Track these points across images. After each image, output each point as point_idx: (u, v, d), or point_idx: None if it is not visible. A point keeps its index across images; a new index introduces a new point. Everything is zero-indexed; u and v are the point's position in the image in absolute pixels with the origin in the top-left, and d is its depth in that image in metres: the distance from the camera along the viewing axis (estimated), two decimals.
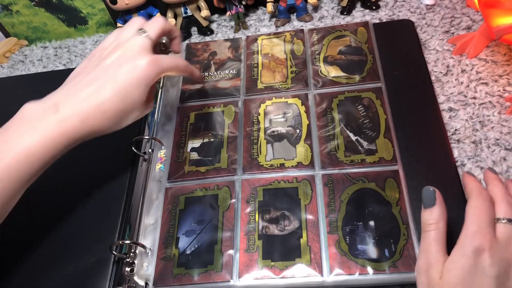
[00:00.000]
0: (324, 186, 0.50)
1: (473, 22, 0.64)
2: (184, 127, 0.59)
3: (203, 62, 0.66)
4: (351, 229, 0.47)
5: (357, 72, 0.59)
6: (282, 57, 0.63)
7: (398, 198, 0.48)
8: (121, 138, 0.58)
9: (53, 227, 0.53)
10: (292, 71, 0.61)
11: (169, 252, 0.49)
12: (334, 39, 0.63)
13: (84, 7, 0.78)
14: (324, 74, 0.60)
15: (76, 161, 0.56)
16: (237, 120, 0.58)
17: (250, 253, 0.47)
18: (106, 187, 0.56)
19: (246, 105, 0.59)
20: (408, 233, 0.45)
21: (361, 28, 0.63)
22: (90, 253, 0.51)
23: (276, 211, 0.50)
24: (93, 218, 0.54)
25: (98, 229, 0.53)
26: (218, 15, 0.78)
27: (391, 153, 0.51)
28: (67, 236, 0.52)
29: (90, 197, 0.55)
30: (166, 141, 0.59)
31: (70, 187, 0.56)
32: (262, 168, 0.53)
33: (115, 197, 0.55)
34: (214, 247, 0.48)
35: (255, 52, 0.65)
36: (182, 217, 0.51)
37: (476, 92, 0.57)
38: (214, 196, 0.52)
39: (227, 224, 0.50)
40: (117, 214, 0.53)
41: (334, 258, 0.45)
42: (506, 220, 0.39)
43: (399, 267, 0.44)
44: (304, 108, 0.57)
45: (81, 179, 0.57)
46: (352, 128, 0.54)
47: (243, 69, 0.64)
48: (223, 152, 0.56)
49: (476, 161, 0.52)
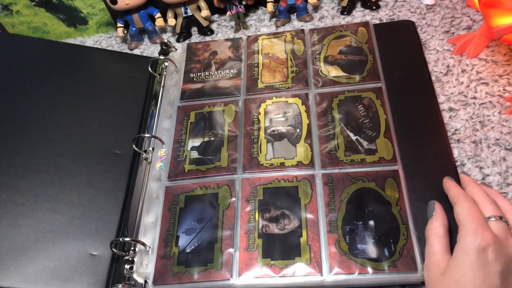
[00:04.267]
0: (324, 185, 0.50)
1: (473, 22, 0.64)
2: (184, 126, 0.59)
3: (204, 61, 0.66)
4: (351, 229, 0.47)
5: (358, 72, 0.59)
6: (282, 57, 0.64)
7: (398, 198, 0.48)
8: (122, 136, 0.59)
9: (53, 224, 0.53)
10: (292, 71, 0.62)
11: (169, 250, 0.49)
12: (335, 39, 0.64)
13: (84, 7, 0.78)
14: (324, 74, 0.60)
15: (77, 158, 0.58)
16: (237, 119, 0.58)
17: (250, 252, 0.48)
18: (106, 184, 0.56)
19: (247, 105, 0.59)
20: (408, 233, 0.45)
21: (361, 28, 0.63)
22: (90, 250, 0.51)
23: (276, 210, 0.50)
24: (94, 215, 0.54)
25: (98, 226, 0.53)
26: (218, 15, 0.78)
27: (391, 153, 0.51)
28: (66, 233, 0.52)
29: (90, 194, 0.55)
30: (166, 140, 0.59)
31: (70, 184, 0.55)
32: (262, 167, 0.53)
33: (116, 194, 0.55)
34: (214, 246, 0.49)
35: (256, 52, 0.65)
36: (182, 215, 0.52)
37: (476, 92, 0.57)
38: (214, 194, 0.52)
39: (227, 222, 0.50)
40: (117, 212, 0.54)
41: (333, 257, 0.46)
42: (497, 217, 0.41)
43: (399, 266, 0.44)
44: (305, 108, 0.57)
45: (82, 176, 0.56)
46: (352, 128, 0.54)
47: (243, 69, 0.64)
48: (223, 151, 0.56)
49: (476, 161, 0.52)
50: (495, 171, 0.51)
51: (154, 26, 0.76)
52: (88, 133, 0.60)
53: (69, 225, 0.52)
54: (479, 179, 0.51)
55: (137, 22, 0.74)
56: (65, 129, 0.60)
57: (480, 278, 0.37)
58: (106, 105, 0.63)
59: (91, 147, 0.59)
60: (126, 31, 0.76)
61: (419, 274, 0.43)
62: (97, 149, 0.59)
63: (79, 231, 0.52)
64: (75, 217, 0.53)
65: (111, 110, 0.63)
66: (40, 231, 0.52)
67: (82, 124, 0.61)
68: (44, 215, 0.53)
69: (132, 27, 0.75)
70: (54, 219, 0.53)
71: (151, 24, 0.76)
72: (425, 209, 0.46)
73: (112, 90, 0.65)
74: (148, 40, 0.78)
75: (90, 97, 0.64)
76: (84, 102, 0.63)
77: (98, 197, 0.55)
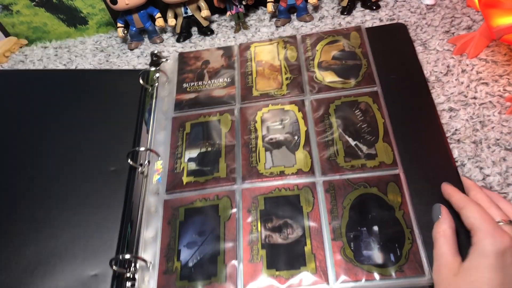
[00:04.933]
0: (325, 192, 0.50)
1: (474, 22, 0.65)
2: (180, 137, 0.58)
3: (196, 71, 0.65)
4: (355, 235, 0.46)
5: (353, 76, 0.59)
6: (276, 64, 0.63)
7: (401, 202, 0.47)
8: (116, 152, 0.59)
9: (51, 243, 0.52)
10: (287, 78, 0.61)
11: (171, 265, 0.48)
12: (328, 44, 0.63)
13: (84, 7, 0.78)
14: (319, 80, 0.60)
15: (73, 180, 0.58)
16: (234, 128, 0.58)
17: (254, 263, 0.47)
18: (104, 202, 0.55)
19: (243, 113, 0.59)
20: (413, 237, 0.45)
21: (354, 33, 0.63)
22: (89, 268, 0.50)
23: (278, 220, 0.49)
24: (92, 233, 0.53)
25: (96, 243, 0.52)
26: (218, 15, 0.78)
27: (391, 157, 0.51)
28: (65, 251, 0.52)
29: (88, 214, 0.54)
30: (162, 152, 0.58)
31: (68, 206, 0.55)
32: (262, 176, 0.53)
33: (114, 212, 0.54)
34: (217, 258, 0.48)
35: (249, 59, 0.65)
36: (183, 229, 0.51)
37: (476, 92, 0.57)
38: (214, 206, 0.52)
39: (229, 234, 0.49)
40: (116, 228, 0.53)
41: (339, 265, 0.45)
42: (507, 222, 0.41)
43: (406, 271, 0.43)
44: (301, 114, 0.57)
45: (79, 197, 0.56)
46: (351, 133, 0.54)
47: (237, 77, 0.63)
48: (221, 161, 0.55)
49: (476, 161, 0.52)
50: (495, 171, 0.51)
51: (154, 26, 0.76)
52: (82, 154, 0.60)
53: (69, 247, 0.52)
54: (480, 179, 0.51)
55: (137, 22, 0.74)
56: (59, 152, 0.61)
57: (497, 281, 0.36)
58: (99, 124, 0.63)
59: (86, 167, 0.59)
60: (126, 31, 0.76)
61: (426, 278, 0.43)
62: (93, 169, 0.58)
63: (79, 252, 0.52)
64: (75, 239, 0.53)
65: (104, 128, 0.62)
66: (41, 257, 0.52)
67: (76, 146, 0.61)
68: (44, 240, 0.53)
69: (132, 27, 0.75)
70: (54, 243, 0.52)
71: (151, 24, 0.75)
72: (428, 212, 0.46)
73: (104, 109, 0.65)
74: (148, 40, 0.77)
75: (83, 119, 0.64)
76: (77, 125, 0.63)
77: (96, 216, 0.54)
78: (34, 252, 0.52)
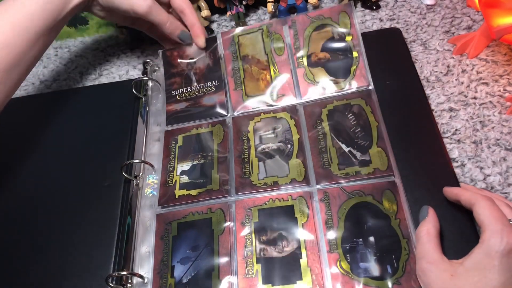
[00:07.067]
0: (320, 202, 0.49)
1: (474, 22, 0.64)
2: (172, 150, 0.57)
3: (183, 73, 0.63)
4: (351, 247, 0.45)
5: (344, 74, 0.57)
6: (263, 60, 0.61)
7: (397, 210, 0.46)
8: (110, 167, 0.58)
9: (46, 260, 0.53)
10: (276, 77, 0.59)
11: (164, 282, 0.48)
12: (316, 30, 0.60)
13: None
14: (310, 79, 0.57)
15: (68, 198, 0.58)
16: (226, 139, 0.56)
17: (250, 278, 0.46)
18: (100, 218, 0.55)
19: (235, 124, 0.57)
20: (410, 247, 0.44)
21: (343, 13, 0.60)
22: (85, 285, 0.50)
23: (273, 232, 0.48)
24: (87, 249, 0.53)
25: (92, 260, 0.52)
26: (218, 15, 0.77)
27: (385, 163, 0.49)
28: (60, 269, 0.52)
29: (82, 227, 0.55)
30: (156, 164, 0.57)
31: (64, 226, 0.55)
32: (255, 187, 0.51)
33: (109, 227, 0.54)
34: (212, 274, 0.47)
35: (234, 53, 0.62)
36: (176, 244, 0.50)
37: (476, 92, 0.56)
38: (207, 220, 0.51)
39: (223, 249, 0.48)
40: (112, 244, 0.53)
41: (336, 278, 0.44)
42: None
43: (403, 284, 0.42)
44: (294, 122, 0.55)
45: (75, 216, 0.56)
46: (344, 139, 0.52)
47: (225, 78, 0.61)
48: (214, 173, 0.54)
49: (477, 161, 0.51)
50: (495, 171, 0.50)
51: None
52: (77, 172, 0.60)
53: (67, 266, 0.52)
54: (480, 179, 0.50)
55: None
56: (53, 171, 0.61)
57: (501, 282, 0.35)
58: (93, 139, 0.63)
59: (81, 184, 0.59)
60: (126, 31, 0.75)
61: None
62: (87, 185, 0.58)
63: (72, 266, 0.52)
64: (68, 252, 0.53)
65: (97, 143, 0.62)
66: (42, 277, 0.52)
67: (70, 163, 0.61)
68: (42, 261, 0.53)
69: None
70: (53, 264, 0.53)
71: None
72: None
73: (98, 124, 0.65)
74: (148, 40, 0.76)
75: (76, 137, 0.64)
76: (70, 142, 0.64)
77: (92, 233, 0.54)
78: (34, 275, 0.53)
